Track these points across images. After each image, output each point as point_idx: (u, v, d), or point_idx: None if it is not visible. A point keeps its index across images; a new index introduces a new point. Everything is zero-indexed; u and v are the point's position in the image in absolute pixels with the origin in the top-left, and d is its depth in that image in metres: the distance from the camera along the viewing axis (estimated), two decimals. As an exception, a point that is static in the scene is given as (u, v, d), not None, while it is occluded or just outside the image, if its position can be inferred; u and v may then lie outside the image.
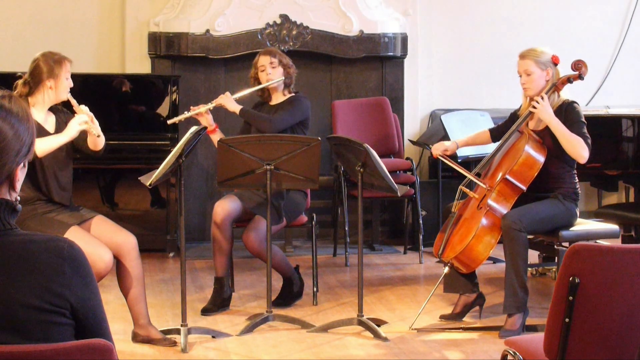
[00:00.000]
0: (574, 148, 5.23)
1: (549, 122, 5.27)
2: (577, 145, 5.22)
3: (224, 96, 5.98)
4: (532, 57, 5.35)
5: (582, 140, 5.23)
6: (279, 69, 5.93)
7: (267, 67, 5.91)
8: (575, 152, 5.24)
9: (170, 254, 7.24)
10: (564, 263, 2.99)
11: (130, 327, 5.06)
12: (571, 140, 5.22)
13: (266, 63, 5.92)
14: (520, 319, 5.20)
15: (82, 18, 7.71)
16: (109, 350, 2.07)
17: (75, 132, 4.88)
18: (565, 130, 5.23)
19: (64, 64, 4.95)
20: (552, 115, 5.27)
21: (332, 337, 5.23)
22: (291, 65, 5.99)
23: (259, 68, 5.95)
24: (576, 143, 5.22)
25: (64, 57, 4.98)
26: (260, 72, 5.95)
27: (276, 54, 5.98)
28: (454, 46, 8.24)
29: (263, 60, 5.94)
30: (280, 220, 5.76)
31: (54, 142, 4.85)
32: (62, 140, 4.87)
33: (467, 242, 5.26)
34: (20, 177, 2.17)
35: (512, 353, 3.32)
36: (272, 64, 5.92)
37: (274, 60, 5.92)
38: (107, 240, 4.88)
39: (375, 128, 7.46)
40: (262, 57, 5.96)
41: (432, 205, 7.51)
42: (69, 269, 2.12)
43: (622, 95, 8.29)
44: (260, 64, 5.94)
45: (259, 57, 5.99)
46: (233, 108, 5.94)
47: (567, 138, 5.23)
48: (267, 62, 5.92)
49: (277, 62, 5.93)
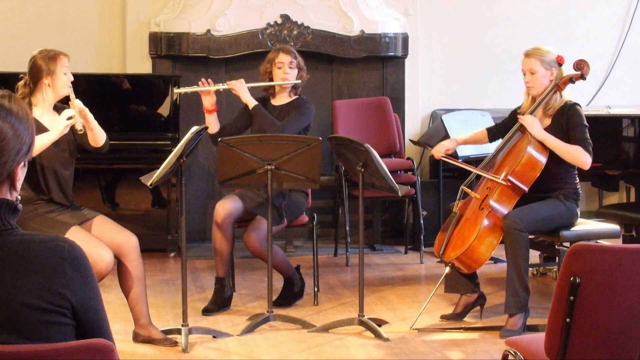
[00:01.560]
0: (574, 158, 5.24)
1: (542, 139, 5.28)
2: (576, 154, 5.23)
3: (239, 83, 5.89)
4: (537, 56, 5.34)
5: (581, 147, 5.23)
6: (295, 70, 5.91)
7: (286, 66, 5.87)
8: (576, 161, 5.25)
9: (171, 254, 7.24)
10: (565, 263, 2.99)
11: (131, 327, 5.06)
12: (569, 152, 5.24)
13: (286, 61, 5.86)
14: (521, 319, 5.20)
15: (82, 18, 7.72)
16: (109, 350, 2.07)
17: (62, 127, 4.81)
18: (560, 144, 5.24)
19: (59, 59, 4.91)
20: (543, 132, 5.29)
21: (333, 337, 5.23)
22: (305, 69, 5.96)
23: (276, 64, 5.88)
24: (575, 153, 5.23)
25: (59, 52, 4.95)
26: (277, 69, 5.88)
27: (296, 55, 5.94)
28: (455, 46, 8.24)
29: (283, 58, 5.87)
30: (281, 220, 5.76)
31: (44, 140, 4.79)
32: (51, 136, 4.82)
33: (469, 243, 5.26)
34: (21, 177, 2.17)
35: (513, 353, 3.32)
36: (292, 65, 5.88)
37: (293, 61, 5.88)
38: (108, 240, 4.88)
39: (376, 128, 7.45)
40: (282, 55, 5.89)
41: (433, 205, 7.51)
42: (70, 269, 2.12)
43: (623, 95, 8.29)
44: (280, 60, 5.87)
45: (278, 54, 5.90)
46: (247, 99, 5.87)
47: (565, 150, 5.24)
48: (288, 60, 5.86)
49: (295, 64, 5.90)
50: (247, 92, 5.87)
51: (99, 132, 4.99)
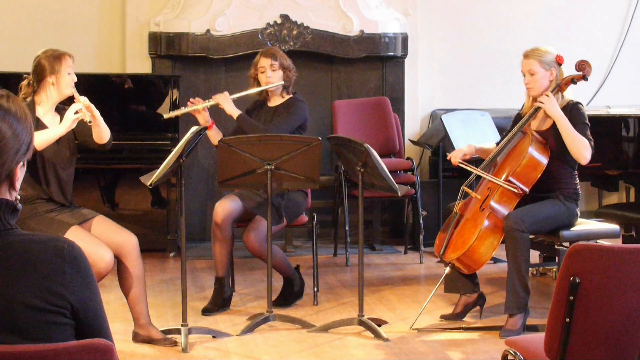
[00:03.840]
0: (578, 148, 5.22)
1: (556, 118, 5.24)
2: (580, 145, 5.21)
3: (223, 96, 5.91)
4: (536, 56, 5.33)
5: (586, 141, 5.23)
6: (279, 71, 5.88)
7: (267, 70, 5.87)
8: (578, 152, 5.23)
9: (170, 254, 7.24)
10: (565, 263, 2.99)
11: (131, 327, 5.06)
12: (576, 139, 5.21)
13: (266, 65, 5.86)
14: (521, 319, 5.20)
15: (82, 18, 7.71)
16: (109, 350, 2.07)
17: (70, 121, 4.83)
18: (571, 128, 5.22)
19: (64, 59, 4.93)
20: (559, 111, 5.25)
21: (332, 337, 5.23)
22: (291, 67, 5.94)
23: (259, 69, 5.89)
24: (580, 143, 5.21)
25: (64, 52, 4.97)
26: (260, 73, 5.89)
27: (277, 56, 5.90)
28: (455, 46, 8.24)
29: (263, 62, 5.87)
30: (281, 220, 5.76)
31: (51, 134, 4.83)
32: (59, 131, 4.84)
33: (470, 243, 5.25)
34: (20, 176, 2.17)
35: (512, 353, 3.32)
36: (273, 67, 5.86)
37: (274, 63, 5.86)
38: (107, 240, 4.88)
39: (376, 128, 7.46)
40: (262, 59, 5.89)
41: (432, 205, 7.51)
42: (70, 269, 2.12)
43: (622, 95, 8.29)
44: (261, 65, 5.88)
45: (259, 58, 5.92)
46: (230, 111, 5.87)
47: (572, 136, 5.22)
48: (268, 64, 5.86)
49: (277, 65, 5.87)
50: (231, 103, 5.87)
51: (105, 128, 5.00)
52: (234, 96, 5.91)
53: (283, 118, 5.85)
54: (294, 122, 5.85)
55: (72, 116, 4.84)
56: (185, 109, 5.87)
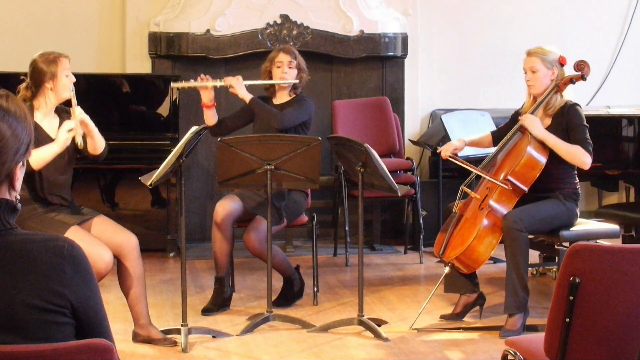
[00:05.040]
0: (574, 158, 5.24)
1: (543, 139, 5.27)
2: (576, 154, 5.22)
3: (236, 79, 5.91)
4: (539, 55, 5.34)
5: (582, 147, 5.22)
6: (295, 70, 5.92)
7: (285, 66, 5.89)
8: (577, 161, 5.24)
9: (170, 253, 7.24)
10: (565, 263, 2.99)
11: (131, 327, 5.06)
12: (570, 151, 5.23)
13: (285, 61, 5.90)
14: (521, 319, 5.20)
15: (82, 18, 7.71)
16: (109, 350, 2.07)
17: (63, 140, 4.78)
18: (561, 144, 5.24)
19: (60, 62, 4.89)
20: (543, 131, 5.28)
21: (332, 337, 5.23)
22: (306, 70, 5.99)
23: (276, 63, 5.92)
24: (576, 153, 5.22)
25: (60, 54, 4.93)
26: (276, 67, 5.92)
27: (296, 55, 5.97)
28: (455, 46, 8.24)
29: (283, 58, 5.91)
30: (281, 220, 5.76)
31: (47, 154, 4.78)
32: (54, 149, 4.79)
33: (469, 242, 5.26)
34: (20, 176, 2.17)
35: (512, 353, 3.32)
36: (290, 64, 5.90)
37: (292, 61, 5.91)
38: (107, 240, 4.87)
39: (376, 128, 7.46)
40: (282, 54, 5.92)
41: (432, 205, 7.51)
42: (70, 269, 2.12)
43: (622, 95, 8.29)
44: (279, 60, 5.91)
45: (278, 53, 5.95)
46: (243, 94, 5.89)
47: (566, 150, 5.24)
48: (287, 60, 5.90)
49: (295, 64, 5.92)
50: (243, 88, 5.89)
51: (99, 140, 4.97)
52: (247, 83, 5.92)
53: (295, 109, 5.88)
54: (303, 116, 5.88)
55: (65, 135, 4.78)
56: (195, 83, 5.89)
